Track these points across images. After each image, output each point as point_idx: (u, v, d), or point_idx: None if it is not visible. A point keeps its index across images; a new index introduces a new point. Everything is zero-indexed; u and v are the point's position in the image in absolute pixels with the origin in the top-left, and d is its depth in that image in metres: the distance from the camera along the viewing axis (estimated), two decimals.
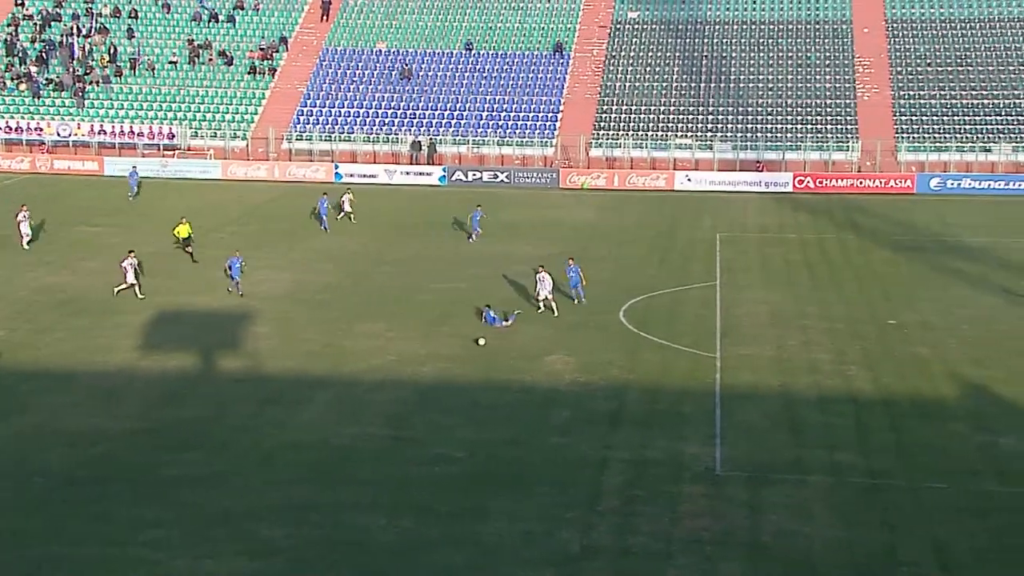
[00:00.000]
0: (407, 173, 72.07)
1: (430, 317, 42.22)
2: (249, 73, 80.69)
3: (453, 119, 75.99)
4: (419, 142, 73.69)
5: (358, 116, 76.73)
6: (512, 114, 76.00)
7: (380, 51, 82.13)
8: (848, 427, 31.91)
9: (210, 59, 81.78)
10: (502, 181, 70.76)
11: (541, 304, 42.36)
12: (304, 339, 39.76)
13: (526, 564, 24.44)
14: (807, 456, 29.99)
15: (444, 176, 71.44)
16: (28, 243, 52.50)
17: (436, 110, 76.78)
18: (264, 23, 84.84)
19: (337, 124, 76.25)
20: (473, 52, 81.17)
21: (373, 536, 25.67)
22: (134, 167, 67.62)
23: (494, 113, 76.19)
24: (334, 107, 77.58)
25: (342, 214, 59.07)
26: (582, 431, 31.70)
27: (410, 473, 29.01)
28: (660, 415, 32.93)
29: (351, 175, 71.72)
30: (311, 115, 77.03)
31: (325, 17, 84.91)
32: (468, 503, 27.28)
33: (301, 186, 70.03)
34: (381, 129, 75.65)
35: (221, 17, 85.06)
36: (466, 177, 71.23)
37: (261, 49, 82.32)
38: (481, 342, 37.76)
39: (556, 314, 41.87)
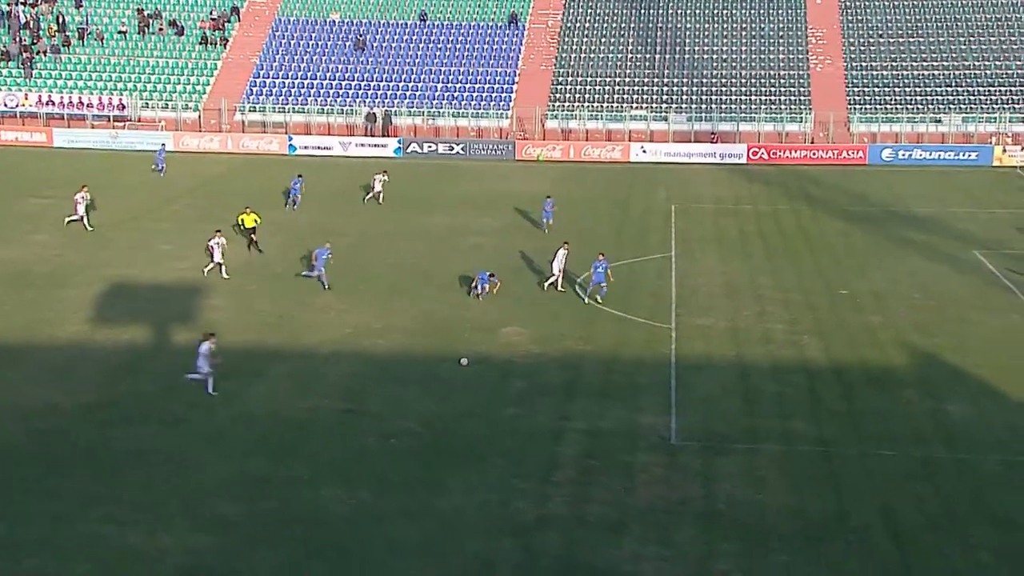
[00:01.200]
0: (362, 145, 71.73)
1: (385, 290, 42.16)
2: (200, 43, 79.86)
3: (408, 90, 75.64)
4: (374, 114, 73.33)
5: (312, 87, 76.18)
6: (467, 85, 75.75)
7: (333, 21, 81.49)
8: (800, 396, 32.27)
9: (160, 29, 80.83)
10: (457, 153, 70.63)
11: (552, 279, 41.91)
12: (258, 312, 39.60)
13: (482, 535, 24.58)
14: (760, 425, 30.32)
15: (399, 148, 71.20)
16: None
17: (391, 81, 76.39)
18: None
19: (291, 95, 75.66)
20: (427, 23, 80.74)
21: (329, 510, 25.70)
22: (163, 144, 67.39)
23: (449, 84, 75.91)
24: (287, 78, 76.96)
25: (370, 194, 57.14)
26: (538, 402, 31.84)
27: (366, 446, 29.04)
28: (615, 386, 33.13)
29: (305, 147, 71.36)
30: (264, 86, 76.38)
31: None
32: (424, 475, 27.36)
33: (255, 158, 69.57)
34: (335, 100, 75.18)
35: None
36: (421, 149, 71.03)
37: (212, 19, 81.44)
38: (464, 362, 34.60)
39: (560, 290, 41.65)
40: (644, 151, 69.73)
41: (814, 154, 68.61)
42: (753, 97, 73.05)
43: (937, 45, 75.12)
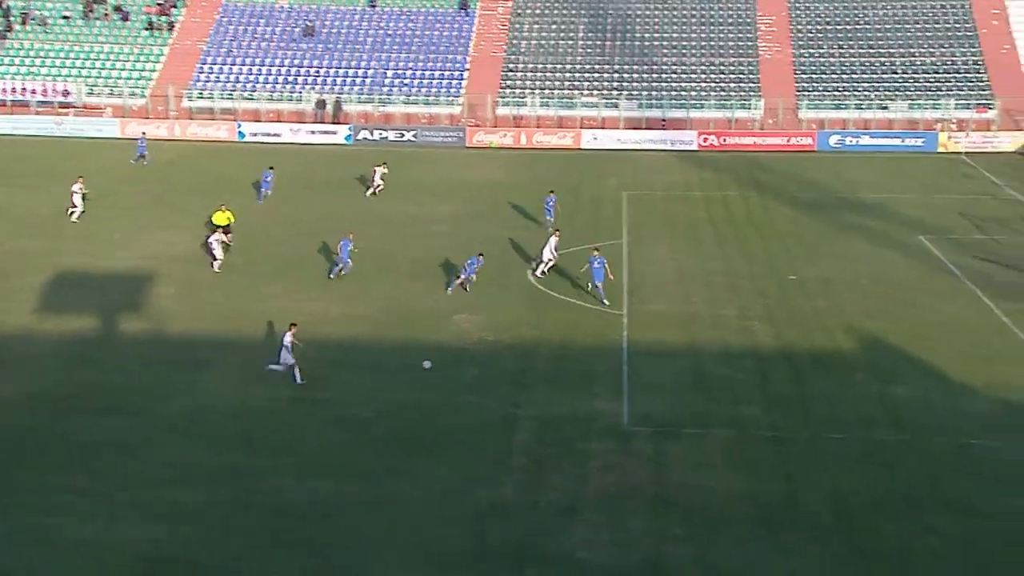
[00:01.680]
0: (312, 132, 71.43)
1: (342, 277, 42.11)
2: (146, 29, 79.08)
3: (358, 77, 75.36)
4: (323, 100, 73.03)
5: (260, 74, 75.70)
6: (418, 72, 75.58)
7: (282, 7, 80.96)
8: (750, 381, 32.70)
9: (105, 14, 79.93)
10: (408, 140, 70.53)
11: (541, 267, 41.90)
12: (210, 301, 39.49)
13: (438, 522, 24.80)
14: (711, 410, 30.71)
15: (350, 135, 70.99)
16: None
17: (340, 68, 76.06)
18: None
19: (239, 82, 75.14)
20: (377, 9, 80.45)
21: (287, 499, 25.81)
22: (143, 133, 66.23)
23: (399, 71, 75.71)
24: (235, 64, 76.41)
25: (371, 188, 56.04)
26: (491, 389, 32.06)
27: (323, 436, 29.14)
28: (568, 373, 33.40)
29: (255, 134, 70.95)
30: (212, 72, 75.81)
31: None
32: (380, 464, 27.53)
33: (204, 145, 69.11)
34: (284, 87, 74.76)
35: None
36: (372, 136, 70.86)
37: (158, 4, 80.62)
38: (426, 365, 33.69)
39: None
40: (595, 138, 70.00)
41: (763, 140, 69.23)
42: (703, 84, 73.53)
43: (884, 33, 75.96)
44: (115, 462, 27.29)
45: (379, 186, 56.03)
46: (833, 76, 73.42)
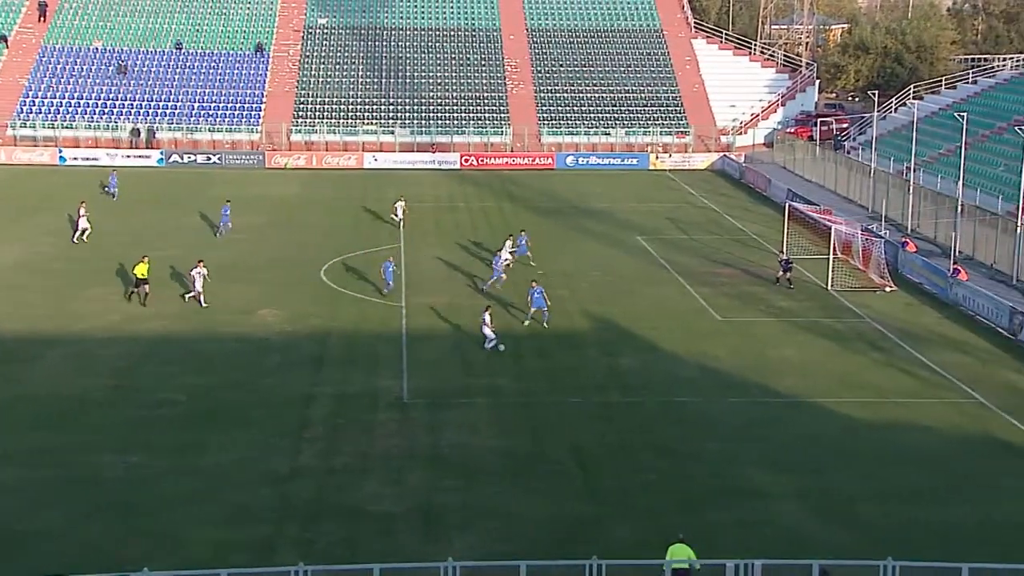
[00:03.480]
0: (128, 156, 67.97)
1: (152, 280, 40.12)
2: None
3: (168, 108, 72.16)
4: (138, 129, 69.63)
5: (79, 106, 71.48)
6: (221, 104, 73.02)
7: (97, 48, 76.69)
8: (506, 358, 32.87)
9: None
10: (215, 162, 68.07)
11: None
12: (33, 304, 36.97)
13: (243, 486, 23.94)
14: (475, 383, 30.76)
15: (162, 158, 67.94)
16: None
17: (152, 101, 72.65)
18: None
19: (60, 113, 70.77)
20: (183, 51, 77.28)
21: (104, 473, 24.38)
22: (113, 171, 58.73)
23: (205, 104, 72.93)
24: (56, 98, 71.83)
25: (396, 223, 49.80)
26: (291, 372, 31.21)
27: (137, 416, 27.69)
28: (357, 356, 32.86)
29: (75, 158, 67.02)
30: (35, 105, 71.06)
31: (42, 18, 78.33)
32: (190, 439, 26.35)
33: (28, 168, 64.77)
34: (102, 117, 70.86)
35: None
36: (182, 159, 68.03)
37: None
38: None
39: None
40: (376, 159, 69.32)
41: (513, 160, 70.07)
42: (463, 114, 73.87)
43: (605, 74, 78.10)
44: None
45: (401, 220, 49.95)
46: (567, 108, 75.07)
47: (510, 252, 41.64)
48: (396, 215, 50.40)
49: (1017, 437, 27.29)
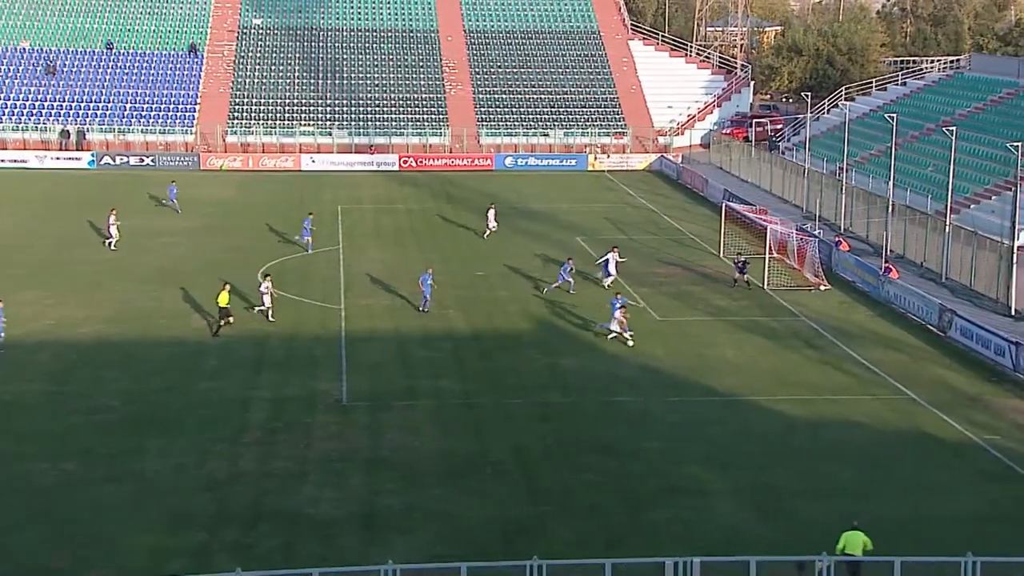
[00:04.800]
0: (57, 158, 66.64)
1: (85, 284, 39.52)
2: None
3: (99, 110, 70.90)
4: (67, 131, 68.29)
5: (6, 108, 69.93)
6: (154, 106, 71.93)
7: (24, 49, 75.07)
8: (447, 359, 32.92)
9: None
10: (148, 164, 67.01)
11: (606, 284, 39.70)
12: None
13: (180, 492, 23.64)
14: (416, 385, 30.72)
15: (93, 160, 66.70)
16: None
17: (83, 102, 71.33)
18: None
19: None
20: (114, 51, 75.97)
21: (36, 480, 23.91)
22: (173, 181, 55.22)
23: (137, 105, 71.78)
24: None
25: (488, 231, 48.57)
26: (229, 376, 30.88)
27: (71, 422, 27.19)
28: (296, 359, 32.61)
29: (2, 161, 65.54)
30: None
31: None
32: (127, 444, 25.95)
33: None
34: (30, 119, 69.41)
35: None
36: (114, 161, 66.86)
37: None
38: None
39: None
40: (313, 161, 68.80)
41: (452, 162, 70.06)
42: (402, 115, 73.65)
43: (543, 75, 78.43)
44: None
45: (494, 228, 48.74)
46: (505, 109, 75.23)
47: (617, 261, 40.35)
48: (489, 224, 48.74)
49: (946, 432, 27.99)
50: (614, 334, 33.89)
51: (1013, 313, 37.31)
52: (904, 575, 19.02)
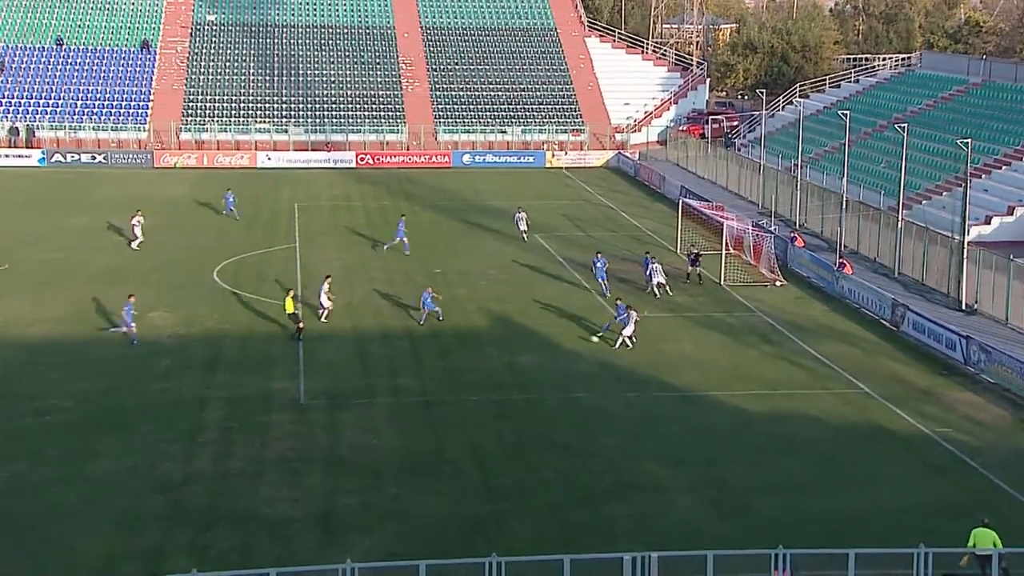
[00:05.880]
0: (7, 156, 65.57)
1: (34, 283, 38.92)
2: None
3: (49, 106, 69.88)
4: (16, 127, 67.22)
5: None
6: (105, 102, 71.01)
7: None
8: (406, 357, 32.81)
9: None
10: (100, 162, 66.14)
11: (656, 290, 39.00)
12: None
13: (134, 494, 23.36)
14: (374, 383, 30.60)
15: (43, 158, 65.70)
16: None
17: (32, 99, 70.28)
18: None
19: None
20: (64, 47, 74.87)
21: None
22: (228, 189, 53.43)
23: (88, 102, 70.83)
24: None
25: (521, 233, 47.57)
26: (183, 376, 30.57)
27: (21, 424, 26.77)
28: (252, 358, 32.35)
29: None
30: None
31: None
32: (77, 446, 25.60)
33: None
34: None
35: None
36: (65, 159, 65.93)
37: None
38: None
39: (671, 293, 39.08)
40: (269, 158, 68.30)
41: (410, 159, 69.86)
42: (358, 112, 73.31)
43: (501, 72, 78.47)
44: None
45: (525, 231, 47.86)
46: (463, 106, 75.15)
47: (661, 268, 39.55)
48: (520, 226, 47.93)
49: (899, 425, 28.38)
50: (622, 339, 33.26)
51: (964, 308, 37.90)
52: (858, 567, 19.25)
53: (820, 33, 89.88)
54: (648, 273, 39.79)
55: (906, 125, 44.41)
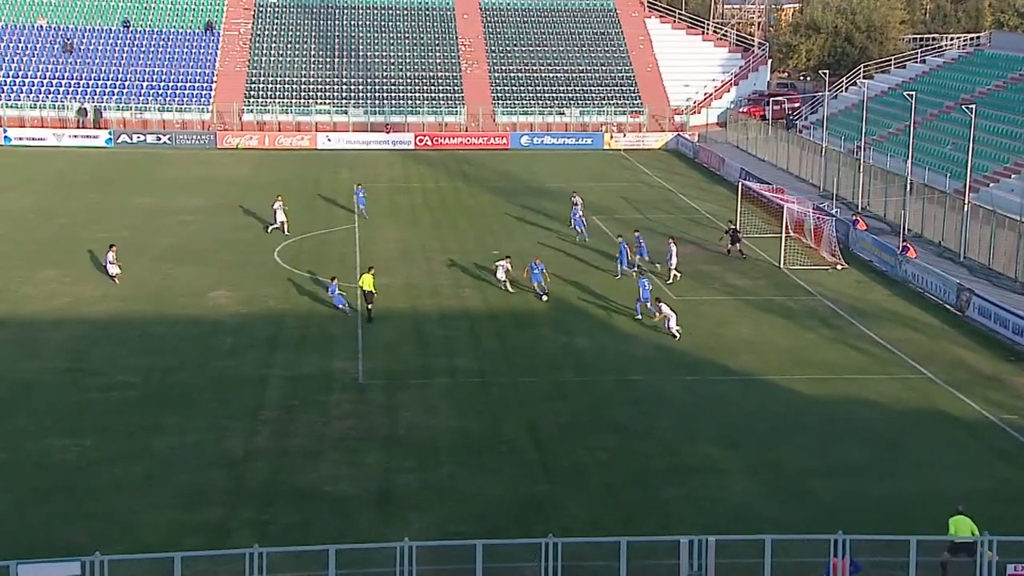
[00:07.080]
0: (75, 136, 66.89)
1: (101, 263, 39.67)
2: None
3: (116, 88, 71.07)
4: (85, 109, 68.49)
5: (24, 85, 70.18)
6: (170, 84, 72.04)
7: (41, 27, 75.22)
8: (463, 338, 32.94)
9: None
10: (165, 143, 67.22)
11: (676, 272, 38.55)
12: None
13: (197, 469, 23.78)
14: (432, 363, 30.75)
15: (111, 139, 66.92)
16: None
17: (100, 80, 71.51)
18: None
19: (4, 93, 69.39)
20: (131, 29, 76.05)
21: (54, 456, 24.09)
22: (358, 185, 52.08)
23: (154, 83, 71.92)
24: None
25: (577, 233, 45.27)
26: (245, 354, 31.00)
27: (88, 399, 27.37)
28: (312, 338, 32.69)
29: (20, 138, 65.85)
30: None
31: None
32: (143, 422, 26.11)
33: None
34: (48, 97, 69.64)
35: None
36: (131, 140, 67.10)
37: None
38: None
39: (673, 280, 38.19)
40: (329, 139, 68.85)
41: (468, 140, 69.95)
42: (417, 94, 73.52)
43: (559, 53, 78.09)
44: None
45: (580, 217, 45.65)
46: (521, 88, 74.98)
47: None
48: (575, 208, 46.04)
49: (963, 411, 27.86)
50: (676, 331, 32.41)
51: None
52: (920, 553, 18.95)
53: (886, 13, 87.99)
54: (667, 256, 38.51)
55: (974, 106, 43.41)
